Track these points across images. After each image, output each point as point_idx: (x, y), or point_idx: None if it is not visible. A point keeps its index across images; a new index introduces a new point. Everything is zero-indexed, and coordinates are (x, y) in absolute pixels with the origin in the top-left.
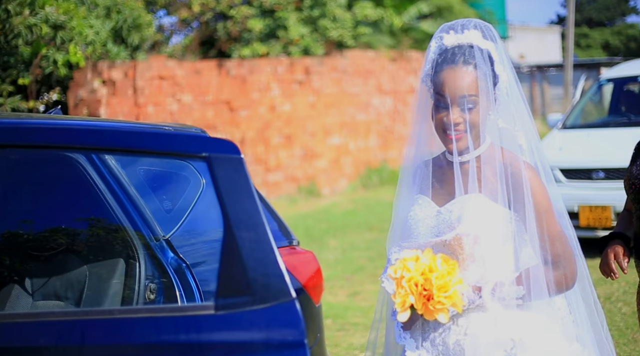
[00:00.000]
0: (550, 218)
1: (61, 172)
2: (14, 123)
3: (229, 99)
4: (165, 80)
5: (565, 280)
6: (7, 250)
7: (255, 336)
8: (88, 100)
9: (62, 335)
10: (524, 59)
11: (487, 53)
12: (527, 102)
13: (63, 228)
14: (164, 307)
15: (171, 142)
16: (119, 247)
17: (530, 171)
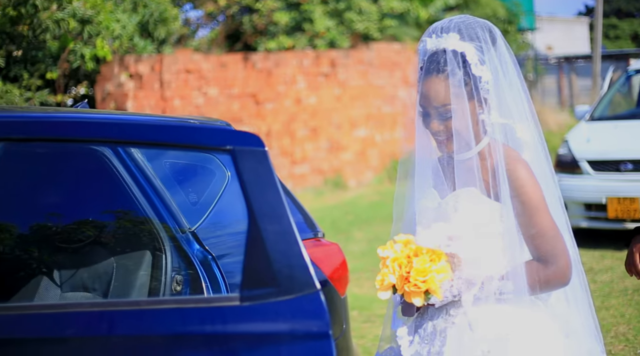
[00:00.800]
0: (541, 215)
1: (88, 165)
2: (41, 118)
3: (254, 92)
4: (191, 73)
5: (555, 277)
6: (36, 242)
7: (280, 327)
8: (115, 94)
9: (90, 326)
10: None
11: (462, 57)
12: (555, 94)
13: (90, 221)
14: (190, 298)
15: (196, 135)
16: (146, 239)
17: (523, 167)
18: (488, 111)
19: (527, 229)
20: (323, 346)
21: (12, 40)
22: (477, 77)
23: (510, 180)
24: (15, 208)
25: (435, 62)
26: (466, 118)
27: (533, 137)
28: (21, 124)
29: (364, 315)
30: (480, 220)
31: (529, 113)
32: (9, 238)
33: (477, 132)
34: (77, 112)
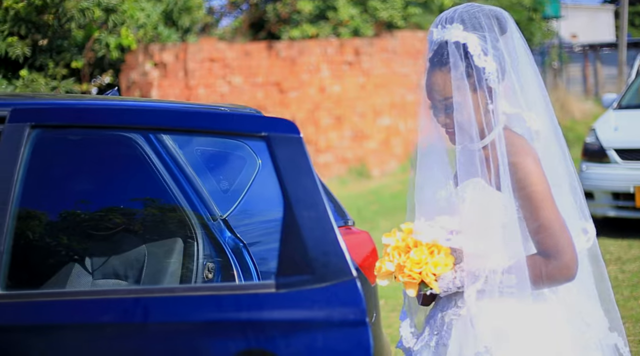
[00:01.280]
0: (545, 208)
1: (121, 153)
2: (76, 104)
3: (278, 81)
4: (215, 62)
5: (558, 273)
6: (67, 229)
7: (316, 314)
8: (140, 83)
9: (125, 313)
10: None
11: (464, 48)
12: (580, 82)
13: (122, 208)
14: (225, 285)
15: (230, 121)
16: (177, 226)
17: (530, 158)
18: (496, 101)
19: (531, 222)
20: (360, 333)
21: (37, 29)
22: (480, 69)
23: (515, 171)
24: (48, 196)
25: (439, 54)
26: (470, 110)
27: (545, 127)
28: (56, 111)
29: (390, 304)
30: (486, 211)
31: (541, 103)
32: (42, 226)
33: (487, 122)
34: (110, 99)
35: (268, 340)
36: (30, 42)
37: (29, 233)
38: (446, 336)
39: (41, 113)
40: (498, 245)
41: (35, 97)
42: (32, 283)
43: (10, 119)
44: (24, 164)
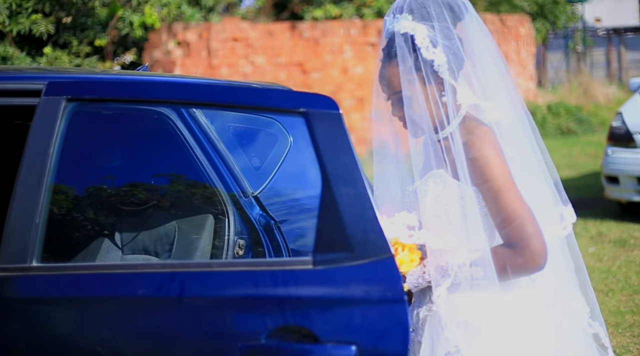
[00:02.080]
0: (507, 197)
1: (153, 128)
2: (109, 78)
3: (301, 61)
4: (238, 41)
5: (526, 263)
6: (99, 204)
7: (353, 292)
8: (163, 62)
9: (161, 287)
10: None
11: (412, 40)
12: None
13: (153, 184)
14: (262, 261)
15: (268, 97)
16: (208, 202)
17: (489, 144)
18: (451, 93)
19: (495, 214)
20: (398, 311)
21: (61, 7)
22: (429, 61)
23: (475, 163)
24: (81, 170)
25: (389, 46)
26: (422, 104)
27: (508, 116)
28: (92, 84)
29: None
30: (448, 204)
31: (503, 92)
32: (74, 200)
33: (443, 115)
34: (144, 75)
35: (305, 317)
36: (54, 19)
37: (63, 207)
38: (420, 333)
39: (77, 86)
40: (463, 237)
41: (71, 72)
42: (65, 257)
43: (46, 92)
44: (60, 138)
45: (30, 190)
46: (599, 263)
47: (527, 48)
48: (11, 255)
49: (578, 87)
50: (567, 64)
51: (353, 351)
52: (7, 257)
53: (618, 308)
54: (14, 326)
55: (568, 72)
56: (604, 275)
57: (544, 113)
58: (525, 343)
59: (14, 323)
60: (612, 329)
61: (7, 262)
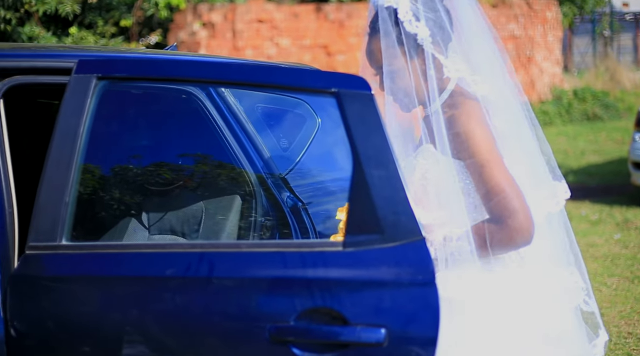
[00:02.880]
0: (491, 170)
1: (182, 108)
2: (139, 57)
3: (326, 43)
4: (263, 23)
5: (514, 236)
6: (127, 183)
7: (384, 274)
8: (188, 43)
9: (190, 267)
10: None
11: (395, 14)
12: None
13: (180, 163)
14: (292, 242)
15: (299, 77)
16: (236, 183)
17: (474, 118)
18: (436, 67)
19: (480, 186)
20: (428, 294)
21: None
22: (412, 35)
23: (460, 137)
24: (111, 149)
25: (373, 21)
26: (406, 79)
27: (495, 90)
28: (122, 62)
29: None
30: (435, 179)
31: (490, 65)
32: (103, 179)
33: (430, 89)
34: (173, 54)
35: (334, 299)
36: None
37: (91, 186)
38: None
39: (108, 64)
40: (450, 212)
41: (101, 49)
42: (93, 236)
43: (77, 70)
44: (90, 116)
45: (60, 168)
46: (625, 250)
47: (554, 32)
48: (41, 233)
49: (604, 72)
50: (594, 48)
51: (382, 334)
52: (37, 234)
53: None
54: (44, 304)
55: (595, 57)
56: (629, 262)
57: (570, 98)
58: (509, 323)
59: (44, 301)
60: (638, 316)
61: (37, 240)
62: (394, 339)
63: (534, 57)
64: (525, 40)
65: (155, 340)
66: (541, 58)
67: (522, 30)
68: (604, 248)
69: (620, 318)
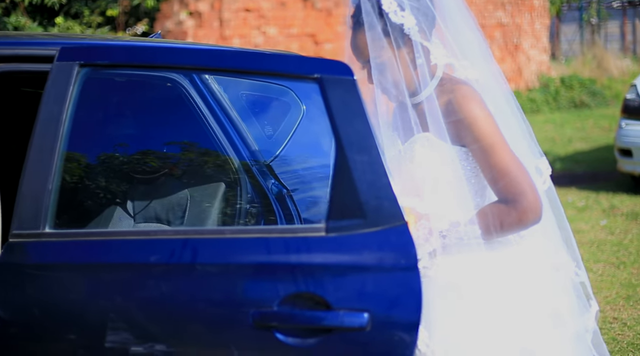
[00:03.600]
0: (498, 152)
1: (166, 95)
2: (122, 44)
3: (314, 32)
4: (250, 12)
5: (524, 216)
6: (111, 171)
7: (366, 259)
8: (175, 32)
9: (173, 254)
10: None
11: (378, 5)
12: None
13: (165, 151)
14: (275, 228)
15: (281, 62)
16: (220, 170)
17: (474, 102)
18: (424, 54)
19: (486, 170)
20: (411, 278)
21: None
22: (398, 25)
23: (460, 117)
24: (93, 137)
25: (356, 15)
26: (395, 70)
27: (483, 73)
28: (105, 49)
29: None
30: (438, 166)
31: (476, 49)
32: (86, 167)
33: (420, 77)
34: (156, 41)
35: (317, 284)
36: None
37: (75, 174)
38: None
39: (90, 51)
40: (454, 198)
41: (83, 37)
42: (77, 224)
43: (59, 58)
44: (72, 104)
45: (42, 156)
46: (611, 236)
47: (541, 20)
48: (24, 221)
49: (592, 59)
50: (581, 36)
51: (365, 318)
52: (20, 223)
53: (629, 281)
54: (27, 292)
55: (582, 44)
56: (615, 247)
57: (557, 86)
58: (513, 301)
59: (27, 288)
60: (624, 302)
61: (20, 228)
62: (376, 323)
63: (521, 45)
64: (513, 28)
65: (140, 327)
66: (528, 46)
67: (510, 18)
68: (590, 235)
69: (606, 303)
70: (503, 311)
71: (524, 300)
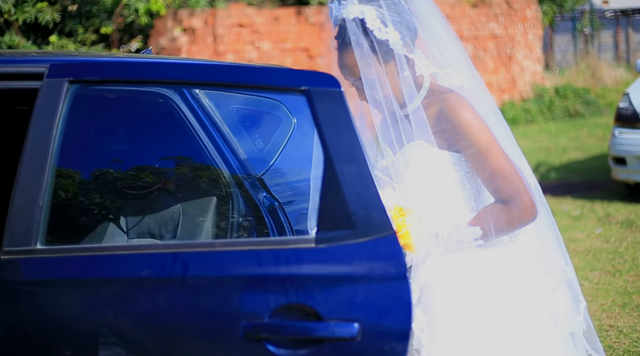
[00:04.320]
0: (493, 156)
1: (156, 111)
2: (111, 60)
3: (307, 46)
4: (244, 27)
5: (521, 216)
6: (103, 188)
7: (356, 269)
8: (169, 49)
9: (164, 267)
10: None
11: (362, 24)
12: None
13: (157, 166)
14: (265, 240)
15: (269, 75)
16: (212, 184)
17: (466, 109)
18: (408, 66)
19: (483, 173)
20: (400, 288)
21: None
22: (383, 42)
23: (455, 124)
24: (85, 153)
25: (342, 35)
26: (385, 84)
27: (467, 80)
28: (94, 65)
29: None
30: (432, 173)
31: (458, 57)
32: (78, 183)
33: (408, 88)
34: (146, 57)
35: (307, 295)
36: (60, 7)
37: (66, 190)
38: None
39: (79, 68)
40: (452, 202)
41: (73, 54)
42: (69, 241)
43: (48, 75)
44: (63, 120)
45: (33, 172)
46: (606, 245)
47: (534, 30)
48: (16, 238)
49: (585, 69)
50: (575, 46)
51: (356, 328)
52: (11, 239)
53: (625, 289)
54: (20, 308)
55: (575, 54)
56: (611, 256)
57: (552, 96)
58: (510, 301)
59: (19, 305)
60: (619, 309)
61: (12, 244)
62: (367, 333)
63: (515, 56)
64: (506, 39)
65: (132, 341)
66: (522, 56)
67: (503, 29)
68: (586, 243)
69: (602, 311)
70: (502, 311)
71: (522, 299)
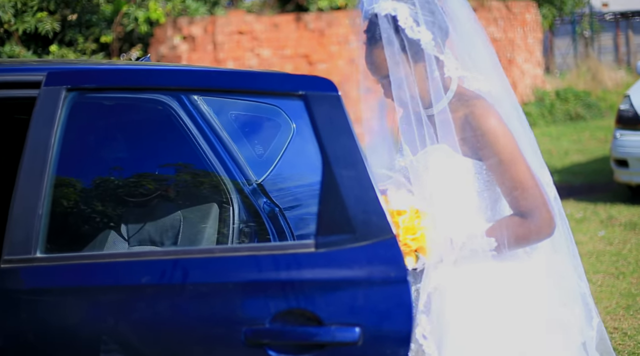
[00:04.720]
0: (516, 167)
1: (155, 118)
2: (109, 67)
3: (307, 53)
4: (244, 34)
5: (538, 230)
6: (103, 195)
7: (356, 273)
8: (169, 56)
9: (165, 274)
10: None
11: (394, 21)
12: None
13: (157, 174)
14: (264, 246)
15: (266, 80)
16: (213, 191)
17: (492, 117)
18: (439, 67)
19: (503, 184)
20: (401, 292)
21: (66, 4)
22: (415, 41)
23: (479, 132)
24: (83, 161)
25: (372, 30)
26: (412, 84)
27: (495, 86)
28: (92, 73)
29: None
30: (452, 178)
31: (488, 62)
32: (78, 191)
33: (435, 89)
34: (145, 64)
35: (308, 300)
36: (60, 17)
37: (65, 198)
38: (423, 309)
39: (77, 76)
40: (469, 210)
41: (71, 62)
42: (70, 249)
43: (46, 83)
44: (61, 128)
45: (32, 181)
46: (610, 247)
47: (534, 34)
48: (15, 246)
49: (586, 72)
50: (575, 49)
51: (357, 332)
52: (11, 248)
53: (629, 291)
54: (20, 317)
55: (576, 57)
56: (614, 258)
57: (552, 99)
58: (522, 313)
59: (20, 314)
60: (624, 311)
61: (12, 253)
62: (368, 337)
63: (515, 60)
64: (506, 43)
65: (133, 349)
66: (522, 60)
67: (502, 33)
68: (589, 246)
69: (606, 313)
70: (510, 320)
71: (532, 311)
